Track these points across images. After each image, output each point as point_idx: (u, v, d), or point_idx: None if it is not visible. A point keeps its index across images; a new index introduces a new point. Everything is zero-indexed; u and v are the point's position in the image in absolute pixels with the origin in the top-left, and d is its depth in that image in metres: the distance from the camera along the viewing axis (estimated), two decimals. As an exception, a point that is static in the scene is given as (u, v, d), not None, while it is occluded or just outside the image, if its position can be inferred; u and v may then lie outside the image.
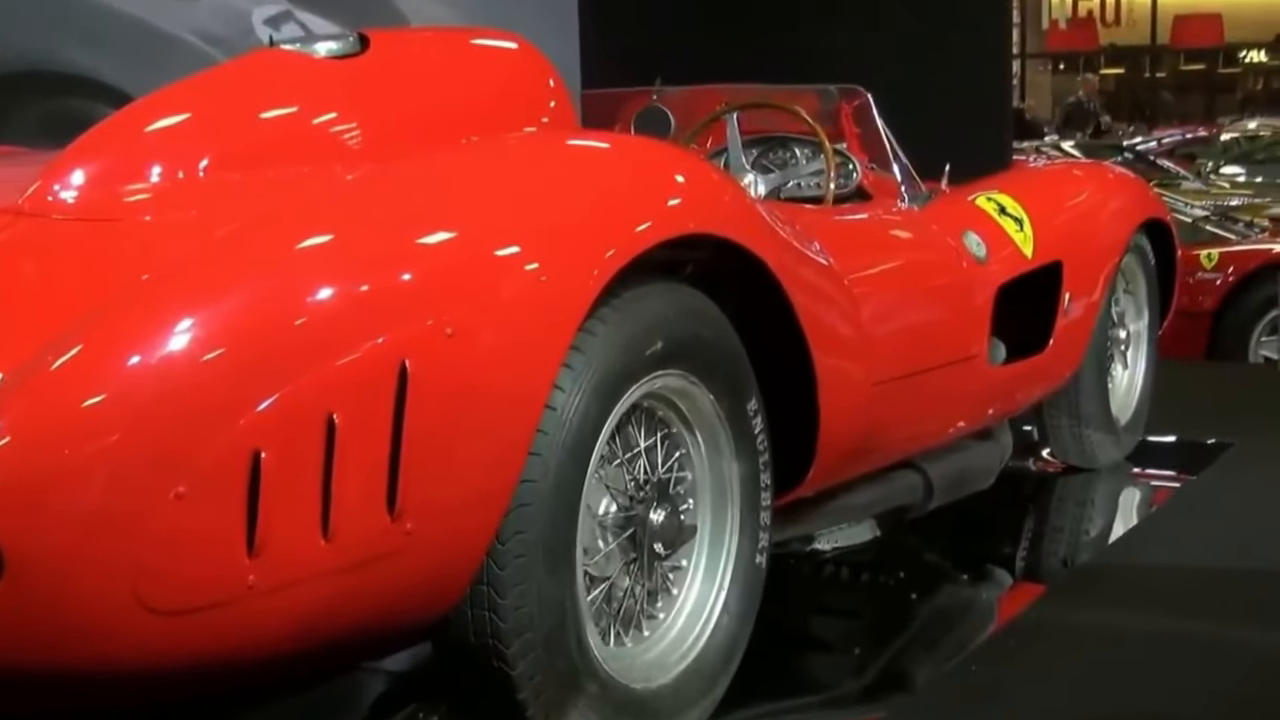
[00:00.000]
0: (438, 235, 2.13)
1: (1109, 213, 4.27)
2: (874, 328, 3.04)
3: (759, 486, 2.64)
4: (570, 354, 2.21)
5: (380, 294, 2.01)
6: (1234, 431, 4.83)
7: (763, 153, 3.83)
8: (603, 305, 2.28)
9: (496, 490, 2.12)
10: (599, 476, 2.37)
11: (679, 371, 2.46)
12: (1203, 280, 7.04)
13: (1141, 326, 4.51)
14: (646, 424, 2.49)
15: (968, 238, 3.63)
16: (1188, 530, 3.86)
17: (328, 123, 2.40)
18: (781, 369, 2.74)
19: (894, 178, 3.71)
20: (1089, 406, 4.25)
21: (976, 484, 3.76)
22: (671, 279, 2.49)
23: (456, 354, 2.04)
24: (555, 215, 2.26)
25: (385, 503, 2.00)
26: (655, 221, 2.37)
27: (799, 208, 3.39)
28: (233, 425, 1.87)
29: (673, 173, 2.54)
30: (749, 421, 2.61)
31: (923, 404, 3.30)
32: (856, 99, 3.76)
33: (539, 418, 2.16)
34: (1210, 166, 12.67)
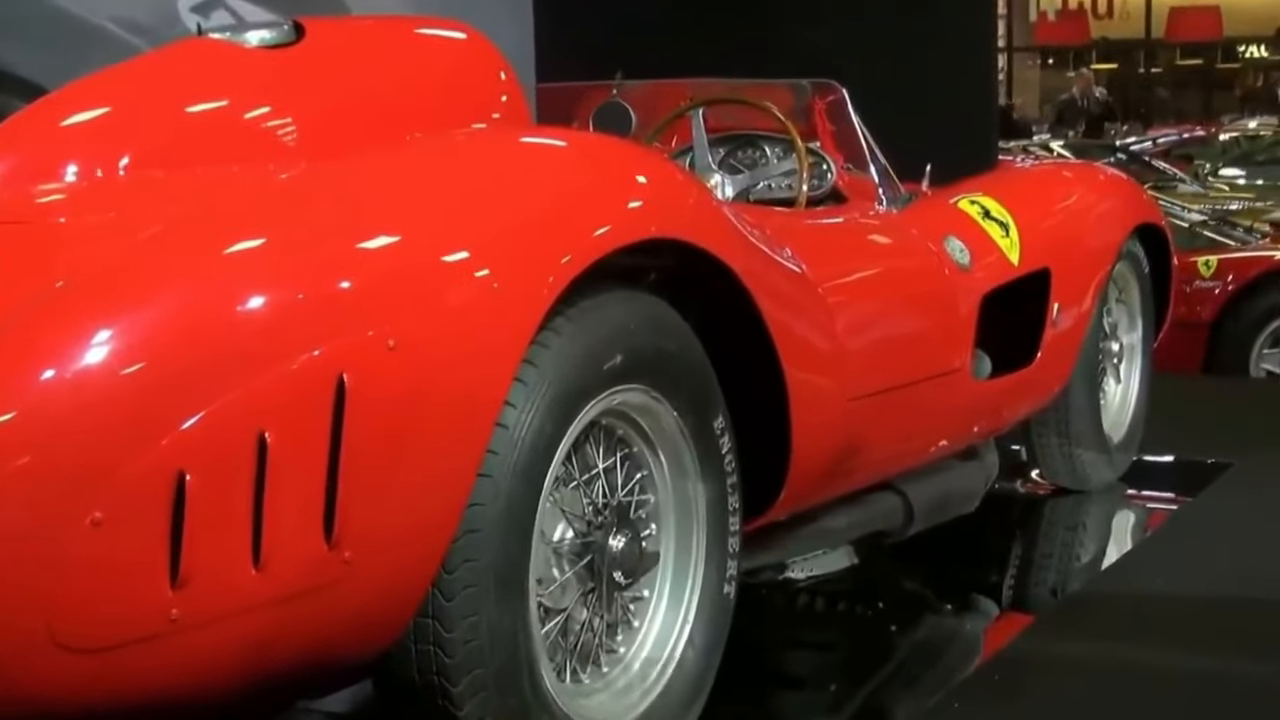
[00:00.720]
0: (379, 239, 2.12)
1: (1100, 217, 4.29)
2: (850, 339, 3.04)
3: (727, 510, 2.64)
4: (523, 368, 2.20)
5: (316, 302, 2.00)
6: (1233, 450, 4.86)
7: (730, 152, 3.83)
8: (558, 315, 2.27)
9: (443, 515, 2.11)
10: (554, 500, 2.35)
11: (640, 386, 2.46)
12: (1200, 289, 7.08)
13: (1135, 338, 4.53)
14: (605, 443, 2.48)
15: (950, 243, 3.65)
16: (1185, 556, 3.88)
17: (260, 117, 2.38)
18: (751, 384, 2.73)
19: (871, 179, 3.72)
20: (1079, 424, 4.27)
21: (960, 507, 3.76)
22: (632, 287, 2.48)
23: (399, 367, 2.02)
24: (506, 218, 2.25)
25: (322, 529, 1.98)
26: (615, 225, 2.37)
27: (769, 211, 3.40)
28: (155, 445, 1.85)
29: (634, 173, 2.54)
30: (715, 440, 2.60)
31: (902, 421, 3.31)
32: (831, 94, 3.77)
33: (489, 436, 2.14)
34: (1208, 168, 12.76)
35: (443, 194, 2.26)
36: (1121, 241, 4.27)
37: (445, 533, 2.12)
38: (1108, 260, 4.19)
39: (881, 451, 3.27)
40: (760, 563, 3.20)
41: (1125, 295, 4.48)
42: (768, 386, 2.74)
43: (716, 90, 3.87)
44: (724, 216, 2.71)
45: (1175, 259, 4.73)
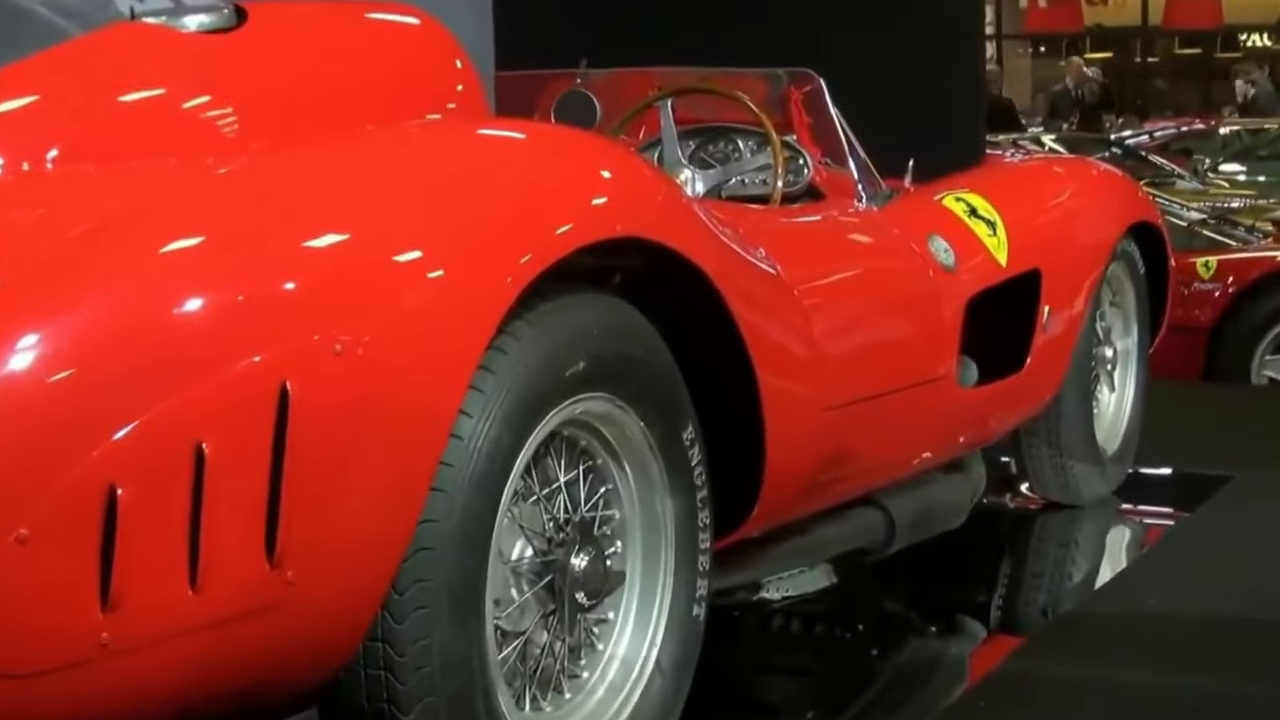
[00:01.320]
0: (326, 237, 2.12)
1: (1093, 215, 4.31)
2: (828, 345, 3.05)
3: (697, 526, 2.64)
4: (479, 374, 2.20)
5: (258, 304, 2.00)
6: (1234, 462, 4.88)
7: (701, 145, 3.84)
8: (517, 318, 2.27)
9: (393, 532, 2.11)
10: (512, 515, 2.35)
11: (604, 395, 2.46)
12: (1199, 292, 7.12)
13: (1130, 344, 4.56)
14: (567, 455, 2.48)
15: (934, 243, 3.66)
16: (1182, 574, 3.90)
17: (198, 108, 2.37)
18: (722, 392, 2.74)
19: (850, 174, 3.73)
20: (1071, 434, 4.28)
21: (945, 523, 3.78)
22: (596, 289, 2.49)
23: (346, 374, 2.02)
24: (462, 215, 2.26)
25: (263, 547, 1.98)
26: (577, 223, 2.37)
27: (742, 208, 3.40)
28: (84, 457, 1.84)
29: (598, 167, 2.54)
30: (685, 452, 2.60)
31: (883, 432, 3.32)
32: (808, 84, 3.78)
33: (442, 448, 2.14)
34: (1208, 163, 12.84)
35: (394, 189, 2.26)
36: (1116, 241, 4.29)
37: (395, 551, 2.11)
38: (1101, 261, 4.21)
39: (861, 463, 3.28)
40: (733, 582, 3.21)
41: (1119, 298, 4.50)
42: (740, 395, 2.75)
43: (686, 80, 3.88)
44: (694, 214, 2.72)
45: (1172, 260, 4.75)
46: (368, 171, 2.30)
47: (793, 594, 3.58)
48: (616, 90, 3.93)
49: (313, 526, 2.01)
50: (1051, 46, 25.33)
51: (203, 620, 1.96)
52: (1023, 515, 4.51)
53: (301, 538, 2.00)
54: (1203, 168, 12.54)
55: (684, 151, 3.76)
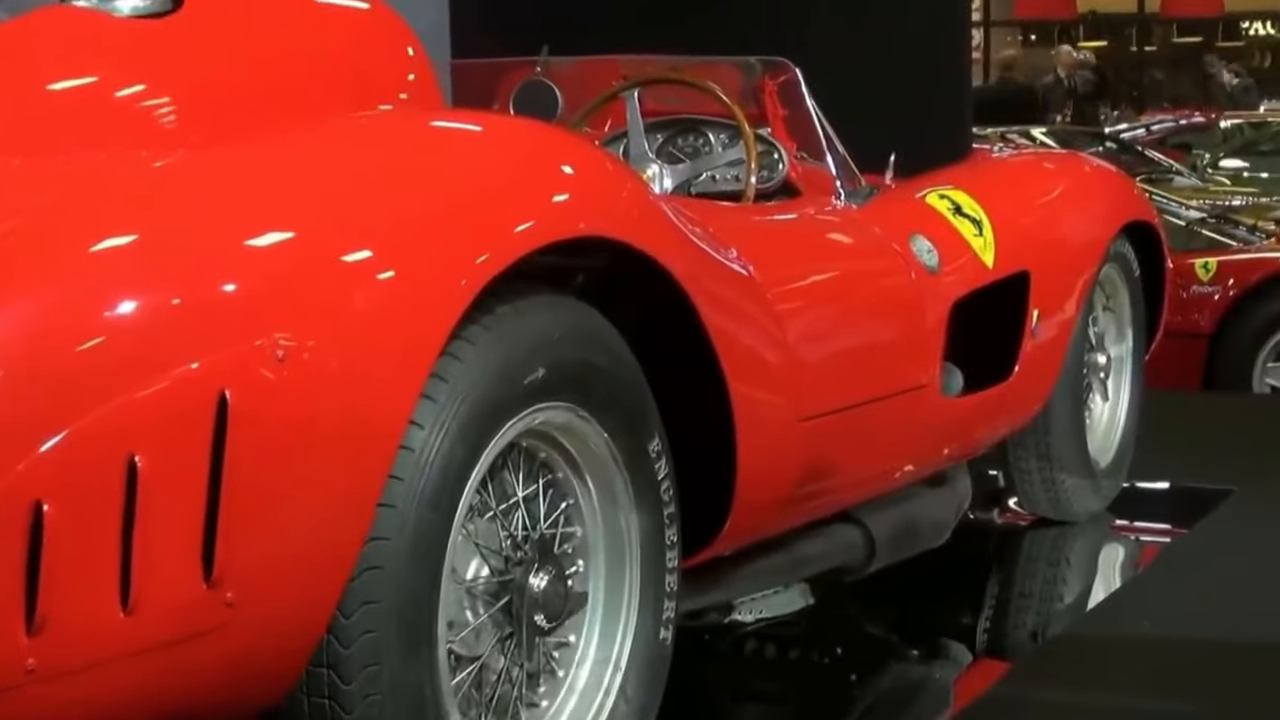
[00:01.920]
0: (268, 236, 2.12)
1: (1086, 213, 4.33)
2: (803, 352, 3.06)
3: (664, 544, 2.64)
4: (431, 382, 2.20)
5: (195, 308, 1.99)
6: (1235, 476, 4.90)
7: (669, 138, 3.84)
8: (472, 323, 2.27)
9: (339, 551, 2.10)
10: (467, 533, 2.35)
11: (565, 404, 2.46)
12: (1198, 295, 7.15)
13: (1124, 350, 4.58)
14: (526, 468, 2.48)
15: (916, 243, 3.67)
16: (1179, 594, 3.92)
17: (133, 97, 2.37)
18: (691, 401, 2.74)
19: (828, 170, 3.74)
20: (1062, 446, 4.30)
21: (928, 540, 3.79)
22: (557, 291, 2.49)
23: (290, 382, 2.02)
24: (414, 212, 2.26)
25: (200, 567, 1.97)
26: (537, 221, 2.38)
27: (713, 206, 3.41)
28: (9, 470, 1.84)
29: (559, 161, 2.55)
30: (651, 465, 2.61)
31: (862, 443, 3.33)
32: (783, 74, 3.79)
33: (392, 461, 2.14)
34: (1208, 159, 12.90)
35: (341, 185, 2.26)
36: (1109, 241, 4.31)
37: (342, 570, 2.11)
38: (1094, 262, 4.23)
39: (839, 477, 3.29)
40: (703, 603, 3.21)
41: (1113, 302, 4.52)
42: (710, 404, 2.75)
43: (654, 69, 3.88)
44: (661, 212, 2.72)
45: (1170, 261, 4.77)
46: (313, 165, 2.30)
47: (767, 616, 3.58)
48: (580, 80, 3.93)
49: (253, 545, 2.00)
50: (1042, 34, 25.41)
51: (136, 645, 1.95)
52: (1010, 532, 4.53)
53: (241, 557, 1.99)
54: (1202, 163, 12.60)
55: (651, 145, 3.76)
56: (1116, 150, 11.85)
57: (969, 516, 4.11)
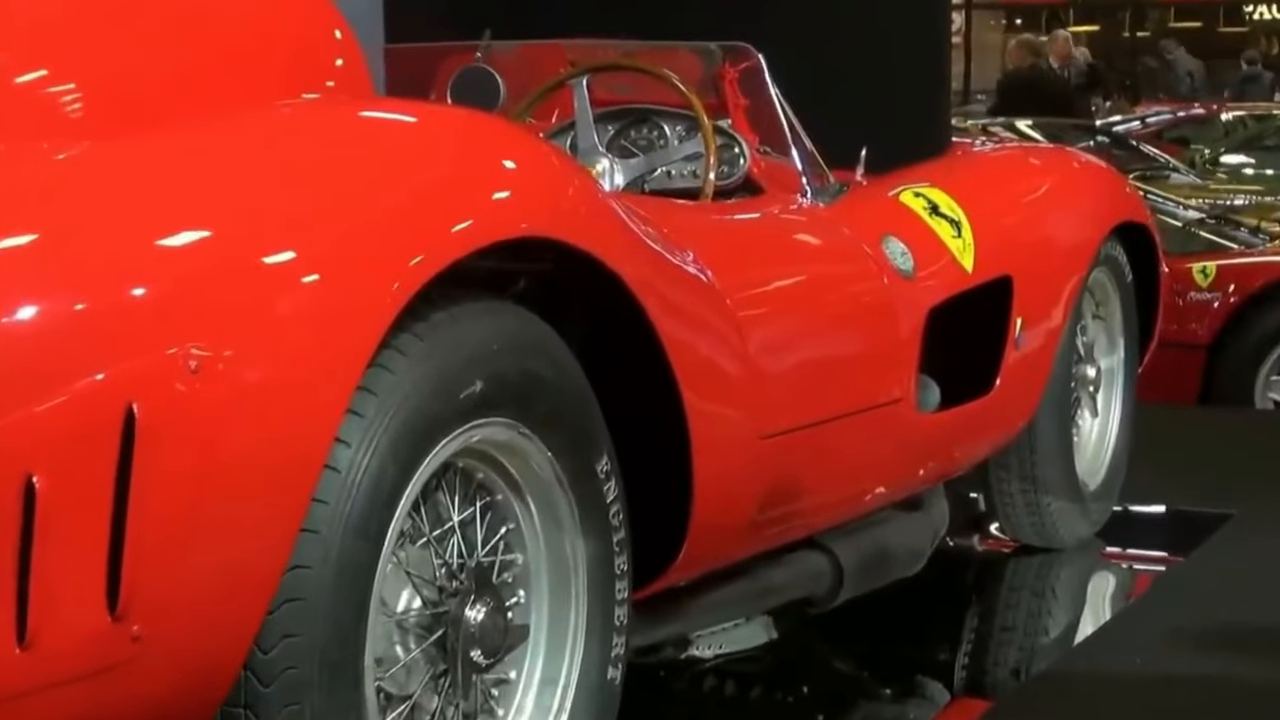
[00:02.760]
0: (182, 236, 2.12)
1: (1074, 213, 4.36)
2: (765, 363, 3.07)
3: (613, 573, 2.65)
4: (359, 396, 2.20)
5: (101, 314, 1.99)
6: (1234, 498, 4.93)
7: (621, 130, 3.85)
8: (404, 331, 2.28)
9: (258, 580, 2.10)
10: (397, 560, 2.36)
11: (506, 420, 2.47)
12: (1196, 302, 7.17)
13: (1115, 362, 4.60)
14: (462, 490, 2.49)
15: (889, 245, 3.69)
16: (1174, 627, 3.93)
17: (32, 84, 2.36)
18: (644, 418, 2.75)
19: (793, 165, 3.75)
20: (1048, 467, 4.32)
21: (901, 568, 3.80)
22: (498, 297, 2.50)
23: (204, 395, 2.02)
24: (342, 210, 2.26)
25: (104, 598, 1.97)
26: (476, 220, 2.39)
27: (668, 204, 3.42)
28: (-106, 492, 1.84)
29: (500, 156, 2.56)
30: (599, 487, 2.61)
31: (830, 463, 3.34)
32: (744, 60, 3.80)
33: (316, 482, 2.14)
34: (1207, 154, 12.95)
35: (262, 180, 2.26)
36: (1099, 243, 4.34)
37: (260, 602, 2.11)
38: (1082, 266, 4.26)
39: (804, 500, 3.30)
40: (656, 638, 3.22)
41: (1103, 309, 4.55)
42: (664, 421, 2.76)
43: (604, 55, 3.89)
44: (611, 211, 2.73)
45: (1165, 265, 4.80)
46: (232, 159, 2.30)
47: (726, 651, 3.59)
48: (523, 66, 3.93)
49: (162, 574, 2.00)
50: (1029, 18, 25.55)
51: (34, 682, 1.94)
52: (992, 560, 4.55)
53: (149, 587, 1.99)
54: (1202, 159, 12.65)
55: (601, 137, 3.77)
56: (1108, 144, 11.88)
57: (947, 543, 4.13)
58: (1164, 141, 13.82)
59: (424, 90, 3.94)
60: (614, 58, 3.88)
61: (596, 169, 3.65)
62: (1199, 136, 14.22)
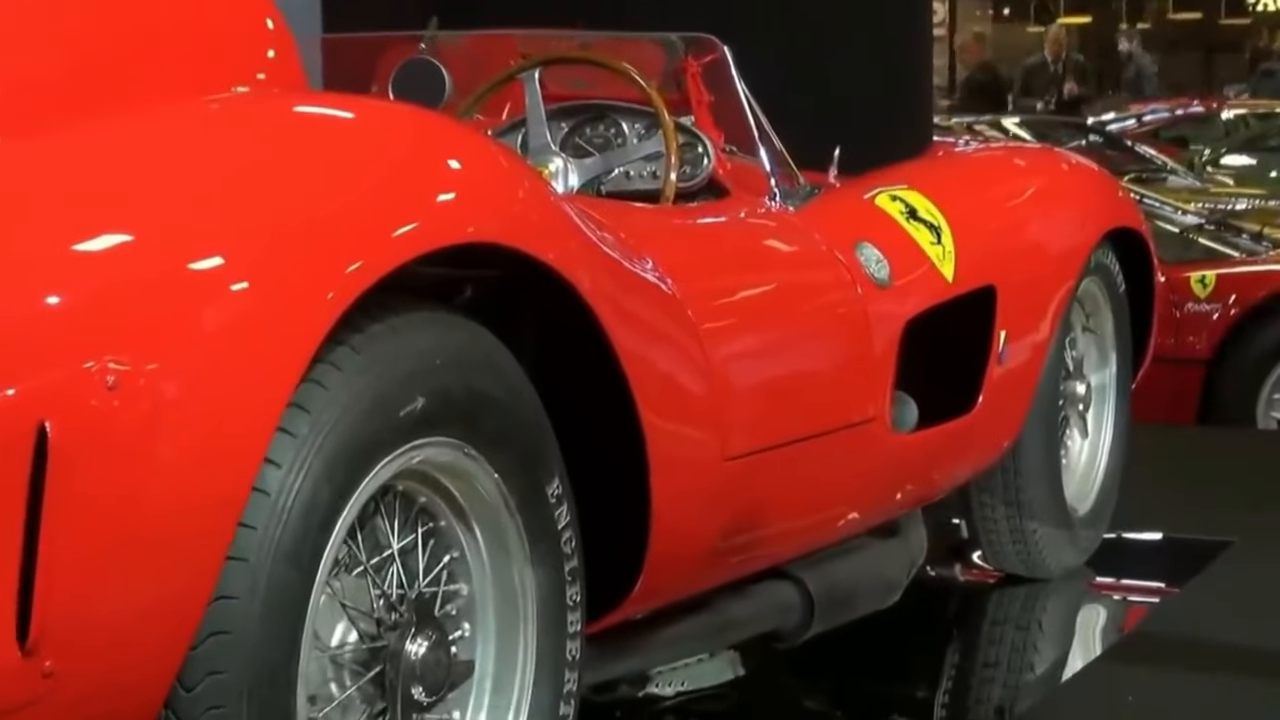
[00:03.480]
0: (99, 241, 2.11)
1: (1062, 219, 4.37)
2: (730, 379, 3.08)
3: (565, 604, 2.65)
4: (290, 413, 2.20)
5: (11, 326, 1.99)
6: (1234, 525, 4.94)
7: (576, 128, 3.85)
8: (340, 343, 2.28)
9: (181, 612, 2.10)
10: (332, 591, 2.35)
11: (450, 439, 2.47)
12: (1194, 314, 7.20)
13: (1107, 378, 4.62)
14: (403, 515, 2.49)
15: (863, 252, 3.69)
16: (1169, 663, 3.94)
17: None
18: (599, 438, 2.75)
19: (760, 165, 3.76)
20: (1034, 491, 4.33)
21: (876, 600, 3.81)
22: (442, 307, 2.50)
23: (122, 412, 2.02)
24: (273, 213, 2.26)
25: (14, 631, 1.96)
26: (418, 224, 2.39)
27: (627, 207, 3.42)
28: None
29: (445, 155, 2.56)
30: (550, 512, 2.62)
31: (799, 487, 3.34)
32: (709, 53, 3.80)
33: (243, 505, 2.14)
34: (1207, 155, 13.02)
35: (187, 181, 2.26)
36: (1089, 251, 4.35)
37: (183, 636, 2.10)
38: (1071, 275, 4.27)
39: (771, 527, 3.30)
40: (612, 674, 3.22)
41: (1094, 322, 4.56)
42: (621, 441, 2.76)
43: (558, 46, 3.89)
44: (564, 215, 2.74)
45: (1161, 274, 4.81)
46: (154, 158, 2.30)
47: (689, 689, 3.59)
48: (471, 58, 3.93)
49: (77, 605, 1.99)
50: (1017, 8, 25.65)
51: (-64, 723, 1.94)
52: (974, 591, 4.55)
53: (62, 619, 1.98)
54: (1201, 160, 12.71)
55: (554, 135, 3.77)
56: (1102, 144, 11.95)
57: (926, 572, 4.13)
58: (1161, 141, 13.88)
59: (364, 84, 3.94)
60: (568, 50, 3.89)
61: (549, 169, 3.66)
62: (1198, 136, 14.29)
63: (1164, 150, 12.95)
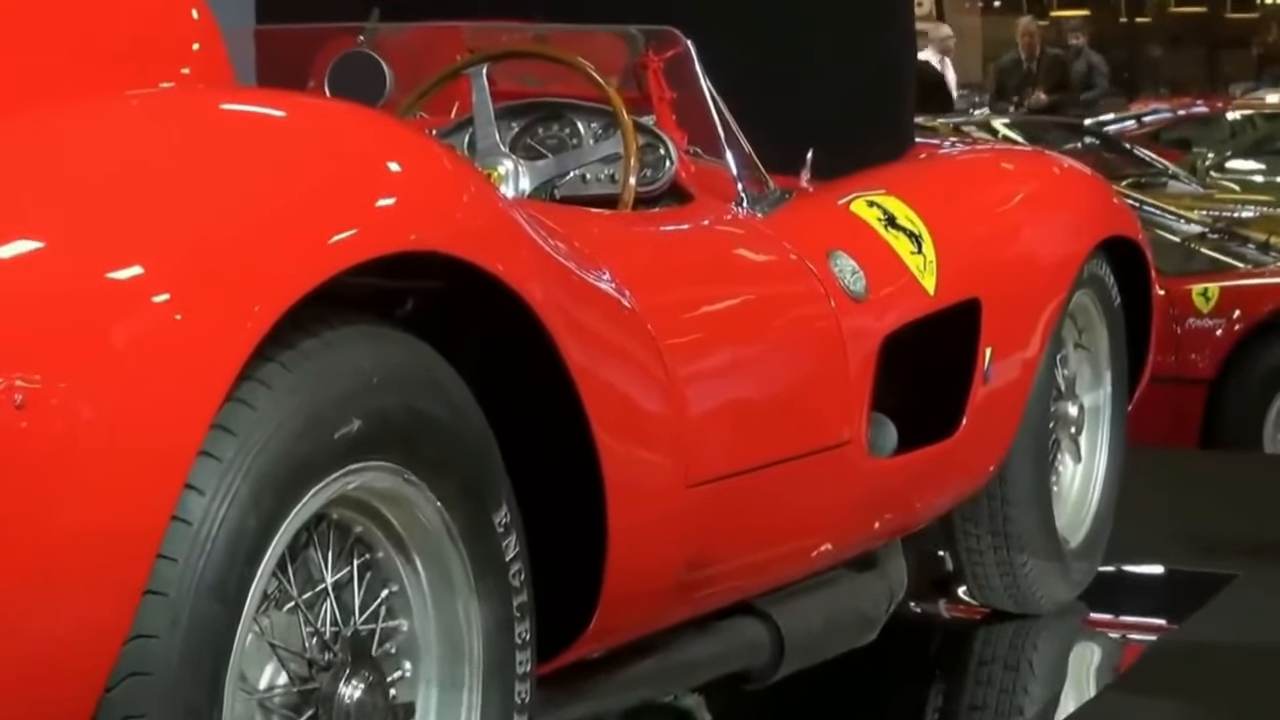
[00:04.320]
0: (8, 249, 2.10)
1: (1053, 227, 4.39)
2: (693, 400, 3.08)
3: (513, 643, 2.65)
4: (214, 435, 2.19)
5: (-91, 340, 1.98)
6: (1239, 556, 4.96)
7: (528, 128, 3.85)
8: (269, 360, 2.27)
9: (94, 652, 2.09)
10: (260, 629, 2.35)
11: (388, 464, 2.46)
12: (1196, 330, 7.21)
13: (1101, 399, 4.63)
14: (337, 546, 2.48)
15: (838, 262, 3.70)
16: (1168, 706, 3.95)
17: None
18: (551, 463, 2.75)
19: (727, 169, 3.76)
20: (1023, 521, 4.34)
21: (852, 638, 3.81)
22: (380, 321, 2.49)
23: (32, 434, 2.01)
24: (197, 219, 2.25)
25: (-89, 672, 1.97)
26: (356, 231, 2.39)
27: (582, 213, 3.42)
28: None
29: (384, 156, 2.56)
30: (497, 542, 2.61)
31: (768, 516, 3.35)
32: (671, 47, 3.80)
33: (162, 535, 2.13)
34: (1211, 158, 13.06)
35: (104, 184, 2.26)
36: (1082, 261, 4.36)
37: (97, 678, 2.10)
38: (1062, 287, 4.28)
39: (738, 559, 3.30)
40: (566, 719, 3.21)
41: (1087, 338, 4.57)
42: (575, 466, 2.77)
43: (509, 39, 3.89)
44: (514, 222, 2.74)
45: (1160, 287, 4.83)
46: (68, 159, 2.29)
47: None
48: (415, 52, 3.94)
49: (-19, 643, 1.99)
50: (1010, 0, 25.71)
51: None
52: (958, 628, 4.56)
53: (-35, 659, 1.98)
54: (1204, 164, 12.75)
55: (504, 136, 3.77)
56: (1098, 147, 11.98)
57: (906, 608, 4.13)
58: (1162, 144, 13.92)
59: (299, 79, 3.94)
60: (520, 43, 3.89)
61: (498, 172, 3.66)
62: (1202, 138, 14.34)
63: (1165, 153, 12.98)
